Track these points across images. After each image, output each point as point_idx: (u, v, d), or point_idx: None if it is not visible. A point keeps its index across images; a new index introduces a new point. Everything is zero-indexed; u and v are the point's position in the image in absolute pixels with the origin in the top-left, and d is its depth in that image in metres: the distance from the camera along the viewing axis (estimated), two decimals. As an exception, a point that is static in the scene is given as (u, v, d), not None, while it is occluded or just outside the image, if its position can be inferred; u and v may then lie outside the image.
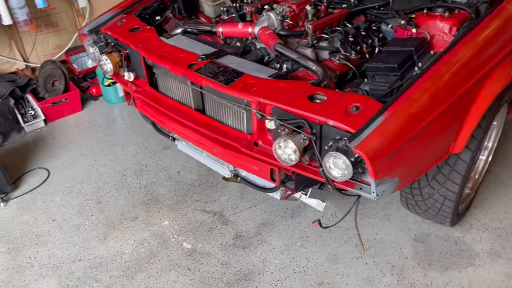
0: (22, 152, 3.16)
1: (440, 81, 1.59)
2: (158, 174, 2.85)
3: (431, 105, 1.55)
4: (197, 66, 1.98)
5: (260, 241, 2.32)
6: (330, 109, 1.59)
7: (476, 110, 1.72)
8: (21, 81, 3.52)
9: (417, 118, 1.52)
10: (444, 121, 1.62)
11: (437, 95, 1.57)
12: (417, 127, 1.51)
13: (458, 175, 1.89)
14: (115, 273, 2.19)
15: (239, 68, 1.94)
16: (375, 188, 1.50)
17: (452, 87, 1.61)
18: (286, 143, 1.63)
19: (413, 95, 1.55)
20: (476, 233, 2.29)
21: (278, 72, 1.89)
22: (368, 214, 2.43)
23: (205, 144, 2.04)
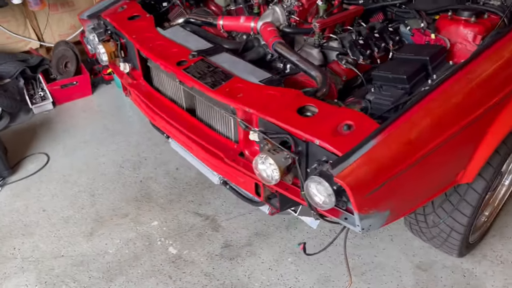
0: (26, 134, 3.12)
1: (449, 102, 1.36)
2: (156, 169, 2.74)
3: (434, 130, 1.33)
4: (187, 64, 1.82)
5: (249, 253, 2.16)
6: (319, 126, 1.40)
7: (492, 137, 1.48)
8: (33, 61, 3.47)
9: (416, 145, 1.30)
10: (450, 148, 1.39)
11: (443, 120, 1.34)
12: (414, 155, 1.30)
13: (468, 206, 1.66)
14: (95, 273, 2.10)
15: (231, 69, 1.76)
16: (359, 221, 1.31)
17: (464, 110, 1.38)
18: (267, 160, 1.45)
19: (413, 118, 1.33)
20: (489, 266, 2.04)
21: (271, 76, 1.71)
22: (370, 233, 2.23)
23: (192, 148, 1.90)
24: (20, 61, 3.39)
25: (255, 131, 1.54)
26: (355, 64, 1.89)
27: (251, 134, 1.57)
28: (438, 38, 1.79)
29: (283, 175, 1.47)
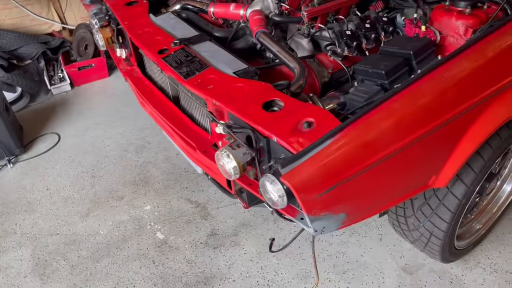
0: (43, 114, 3.25)
1: (416, 103, 1.27)
2: (157, 154, 2.78)
3: (396, 133, 1.24)
4: (167, 52, 1.81)
5: (233, 243, 2.16)
6: (280, 122, 1.35)
7: (469, 141, 1.37)
8: (54, 43, 3.59)
9: (373, 147, 1.23)
10: (417, 152, 1.30)
11: (406, 122, 1.25)
12: (371, 158, 1.22)
13: (447, 211, 1.56)
14: (84, 253, 2.18)
15: (210, 59, 1.74)
16: (311, 223, 1.27)
17: (433, 112, 1.28)
18: (226, 155, 1.43)
19: (373, 118, 1.25)
20: (481, 274, 1.93)
21: (247, 68, 1.66)
22: (359, 231, 2.16)
23: (175, 137, 1.91)
24: (41, 43, 3.52)
25: (219, 124, 1.52)
26: (343, 55, 1.81)
27: (217, 127, 1.55)
28: (428, 30, 1.67)
29: (245, 170, 1.45)
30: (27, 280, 2.08)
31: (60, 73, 3.54)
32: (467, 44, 1.40)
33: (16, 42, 3.44)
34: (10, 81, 3.17)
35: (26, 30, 3.64)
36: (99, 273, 2.07)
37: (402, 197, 1.42)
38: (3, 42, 3.42)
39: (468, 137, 1.38)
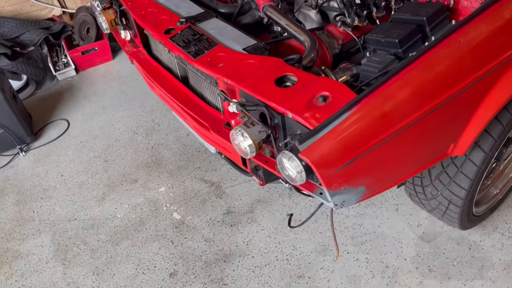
0: (50, 101, 3.24)
1: (432, 70, 1.24)
2: (167, 135, 2.77)
3: (413, 102, 1.22)
4: (174, 32, 1.78)
5: (250, 220, 2.18)
6: (294, 97, 1.33)
7: (487, 107, 1.34)
8: (56, 28, 3.54)
9: (391, 118, 1.21)
10: (435, 120, 1.28)
11: (424, 90, 1.23)
12: (389, 129, 1.21)
13: (465, 178, 1.55)
14: (103, 237, 2.21)
15: (217, 36, 1.70)
16: (331, 198, 1.26)
17: (450, 79, 1.25)
18: (242, 133, 1.42)
19: (390, 88, 1.23)
20: (499, 239, 1.93)
21: (256, 43, 1.63)
22: (375, 202, 2.16)
23: (186, 118, 1.89)
24: (42, 29, 3.47)
25: (232, 102, 1.50)
26: (353, 25, 1.77)
27: (230, 106, 1.54)
28: (441, -5, 1.62)
29: (261, 148, 1.44)
30: (49, 266, 2.11)
31: (64, 58, 3.50)
32: (482, 7, 1.36)
33: (17, 29, 3.40)
34: (15, 69, 3.15)
35: (26, 16, 3.59)
36: (119, 256, 2.10)
37: (421, 167, 1.41)
38: (4, 30, 3.38)
39: (486, 103, 1.35)
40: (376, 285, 1.83)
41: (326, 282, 1.87)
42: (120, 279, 2.01)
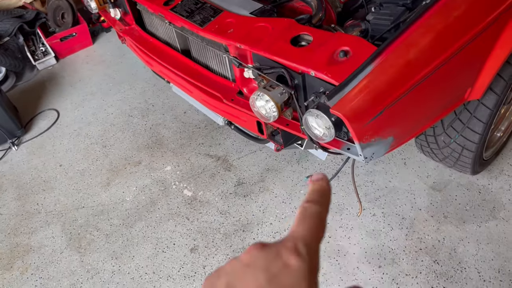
0: (34, 91, 3.12)
1: (450, 16, 1.25)
2: (164, 115, 2.73)
3: (435, 48, 1.23)
4: (174, 3, 1.73)
5: (262, 189, 2.19)
6: (313, 55, 1.33)
7: (500, 49, 1.37)
8: (29, 16, 3.38)
9: (416, 66, 1.22)
10: (455, 65, 1.30)
11: (444, 36, 1.24)
12: (415, 77, 1.22)
13: (479, 122, 1.59)
14: (115, 221, 2.18)
15: (220, 3, 1.67)
16: (361, 151, 1.28)
17: (467, 23, 1.27)
18: (263, 97, 1.41)
19: (412, 37, 1.23)
20: (506, 180, 2.01)
21: (263, 6, 1.60)
22: (382, 159, 2.20)
23: (191, 91, 1.86)
24: (15, 18, 3.31)
25: (248, 67, 1.48)
26: (353, -18, 1.76)
27: (246, 72, 1.52)
28: None
29: (282, 111, 1.43)
30: (64, 255, 2.08)
31: (42, 46, 3.37)
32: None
33: (-12, 20, 3.24)
34: (-8, 62, 3.01)
35: (-4, 6, 3.42)
36: (136, 238, 2.09)
37: (442, 113, 1.43)
38: (-26, 22, 3.22)
39: (500, 44, 1.38)
40: (396, 237, 1.88)
41: (347, 239, 1.91)
42: (141, 260, 1.99)
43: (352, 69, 1.24)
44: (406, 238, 1.87)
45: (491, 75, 1.40)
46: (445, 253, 1.79)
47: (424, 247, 1.83)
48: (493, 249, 1.77)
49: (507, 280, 1.68)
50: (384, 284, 1.74)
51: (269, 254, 0.41)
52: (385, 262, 1.81)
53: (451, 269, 1.74)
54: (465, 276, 1.71)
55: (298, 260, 0.40)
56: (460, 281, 1.70)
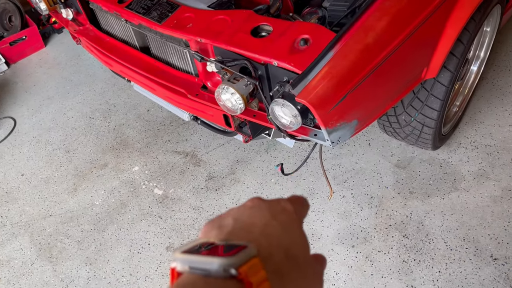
0: (-13, 101, 2.99)
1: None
2: (127, 114, 2.68)
3: (391, 31, 1.28)
4: (128, 0, 1.70)
5: (233, 181, 2.20)
6: (275, 45, 1.34)
7: (451, 27, 1.43)
8: (-27, 21, 3.23)
9: (374, 49, 1.26)
10: (411, 46, 1.35)
11: (399, 18, 1.28)
12: (374, 60, 1.26)
13: (436, 100, 1.66)
14: (86, 227, 2.14)
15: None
16: (328, 136, 1.31)
17: (419, 5, 1.32)
18: (228, 90, 1.41)
19: (368, 21, 1.27)
20: (464, 152, 2.11)
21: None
22: (348, 142, 2.26)
23: (154, 88, 1.83)
24: (-42, 24, 3.15)
25: (211, 61, 1.48)
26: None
27: (208, 66, 1.51)
28: None
29: (248, 102, 1.44)
30: (36, 267, 2.02)
31: (-10, 53, 3.22)
32: None
33: None
34: None
35: None
36: (109, 241, 2.05)
37: (402, 93, 1.49)
38: None
39: (451, 24, 1.44)
40: (366, 216, 1.95)
41: (320, 223, 1.96)
42: (116, 263, 1.97)
43: (313, 57, 1.26)
44: (376, 216, 1.94)
45: (444, 53, 1.46)
46: (413, 227, 1.87)
47: (394, 223, 1.90)
48: (457, 219, 1.87)
49: (472, 247, 1.77)
50: (359, 262, 1.80)
51: (270, 202, 0.48)
52: (357, 242, 1.87)
53: (420, 242, 1.82)
54: (433, 247, 1.79)
55: (292, 207, 0.48)
56: (428, 252, 1.78)
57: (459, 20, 1.45)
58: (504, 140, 2.12)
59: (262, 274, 0.38)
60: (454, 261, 1.74)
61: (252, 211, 0.46)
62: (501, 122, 2.20)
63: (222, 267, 0.37)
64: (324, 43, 1.28)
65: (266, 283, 0.38)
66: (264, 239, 0.43)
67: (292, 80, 1.27)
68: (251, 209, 0.47)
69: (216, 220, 0.46)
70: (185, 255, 0.39)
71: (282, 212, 0.47)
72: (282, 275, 0.41)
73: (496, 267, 1.70)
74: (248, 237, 0.43)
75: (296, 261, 0.44)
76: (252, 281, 0.37)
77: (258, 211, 0.46)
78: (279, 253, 0.42)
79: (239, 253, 0.38)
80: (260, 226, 0.44)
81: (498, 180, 1.97)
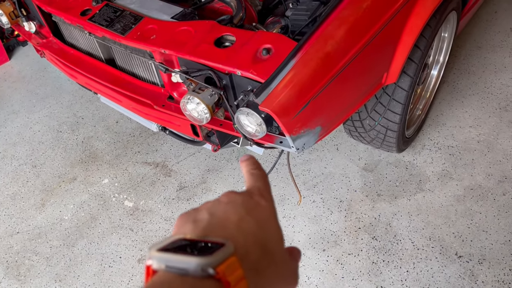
0: (-52, 117, 2.90)
1: (361, 7, 1.34)
2: (95, 126, 2.65)
3: (350, 39, 1.32)
4: (91, 13, 1.69)
5: (204, 190, 2.20)
6: (238, 55, 1.36)
7: (408, 34, 1.49)
8: None
9: (334, 57, 1.30)
10: (370, 53, 1.39)
11: (357, 26, 1.33)
12: (334, 67, 1.30)
13: (398, 104, 1.72)
14: (55, 242, 2.09)
15: (140, 10, 1.65)
16: (293, 143, 1.33)
17: (376, 13, 1.37)
18: (193, 100, 1.42)
19: (328, 30, 1.31)
20: (428, 154, 2.17)
21: (183, 10, 1.61)
22: (316, 147, 2.30)
23: (121, 100, 1.83)
24: None
25: (176, 72, 1.49)
26: (270, -20, 1.81)
27: (173, 76, 1.52)
28: None
29: (214, 112, 1.46)
30: (3, 286, 1.96)
31: (-49, 67, 3.13)
32: None
33: None
34: None
35: None
36: (79, 256, 2.02)
37: (364, 99, 1.53)
38: None
39: (407, 31, 1.49)
40: (336, 219, 1.98)
41: (291, 228, 1.98)
42: (87, 278, 1.93)
43: (275, 66, 1.29)
44: (346, 220, 1.98)
45: (402, 59, 1.51)
46: (382, 229, 1.91)
47: (363, 225, 1.94)
48: (423, 219, 1.92)
49: (438, 245, 1.83)
50: (330, 266, 1.83)
51: (244, 196, 0.48)
52: (328, 245, 1.90)
53: (388, 243, 1.86)
54: (401, 248, 1.84)
55: (266, 202, 0.48)
56: (397, 252, 1.83)
57: (415, 27, 1.51)
58: (465, 141, 2.20)
59: (239, 273, 0.39)
60: (421, 260, 1.79)
61: (227, 206, 0.46)
62: (462, 124, 2.28)
63: (200, 267, 0.37)
64: (286, 52, 1.31)
65: (243, 282, 0.39)
66: (241, 236, 0.43)
67: (255, 89, 1.29)
68: (226, 204, 0.47)
69: (191, 213, 0.46)
70: (162, 253, 0.39)
71: (257, 207, 0.47)
72: (258, 272, 0.42)
73: (461, 264, 1.76)
74: (224, 233, 0.43)
75: (272, 257, 0.44)
76: (229, 280, 0.38)
77: (233, 206, 0.46)
78: (255, 250, 0.43)
79: (217, 252, 0.39)
80: (235, 221, 0.44)
81: (460, 179, 2.04)
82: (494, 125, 2.25)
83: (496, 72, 2.54)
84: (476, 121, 2.29)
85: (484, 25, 2.88)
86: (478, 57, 2.65)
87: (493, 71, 2.55)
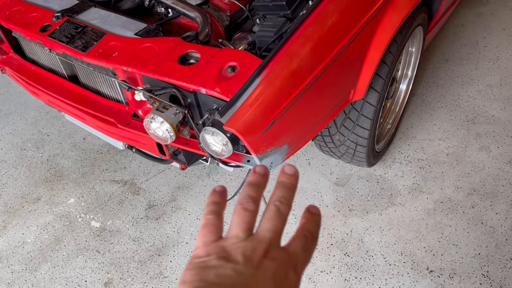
0: None
1: (325, 24, 1.33)
2: (61, 144, 2.56)
3: (315, 57, 1.30)
4: (51, 28, 1.63)
5: (174, 208, 2.14)
6: (203, 73, 1.33)
7: (374, 50, 1.48)
8: None
9: (300, 75, 1.28)
10: (336, 70, 1.38)
11: (322, 43, 1.31)
12: (300, 86, 1.28)
13: (366, 119, 1.71)
14: (16, 267, 1.99)
15: (102, 26, 1.60)
16: (260, 161, 1.30)
17: (341, 30, 1.36)
18: (157, 119, 1.38)
19: (293, 48, 1.29)
20: (399, 168, 2.18)
21: (147, 26, 1.57)
22: (288, 161, 2.27)
23: (84, 118, 1.76)
24: None
25: (139, 90, 1.44)
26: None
27: (137, 94, 1.47)
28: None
29: (179, 131, 1.42)
30: (-41, 316, 1.86)
31: None
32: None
33: None
34: None
35: None
36: (42, 281, 1.93)
37: (331, 116, 1.51)
38: None
39: (373, 47, 1.49)
40: (308, 236, 1.95)
41: (263, 246, 1.94)
42: (50, 305, 1.85)
43: (241, 84, 1.26)
44: (318, 236, 1.95)
45: (369, 75, 1.51)
46: (354, 245, 1.90)
47: (335, 242, 1.92)
48: (395, 234, 1.91)
49: (410, 260, 1.82)
50: (302, 284, 1.80)
51: (279, 262, 0.46)
52: (301, 263, 1.86)
53: (360, 259, 1.84)
54: (373, 264, 1.82)
55: (295, 276, 0.47)
56: (369, 269, 1.81)
57: (381, 42, 1.51)
58: (434, 154, 2.22)
59: None
60: (393, 276, 1.77)
61: (254, 278, 0.44)
62: (431, 136, 2.30)
63: None
64: (251, 70, 1.28)
65: None
66: None
67: (220, 108, 1.26)
68: (256, 270, 0.45)
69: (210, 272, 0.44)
70: None
71: (285, 281, 0.45)
72: None
73: (432, 279, 1.75)
74: None
75: None
76: None
77: (263, 274, 0.45)
78: None
79: None
80: None
81: (430, 193, 2.05)
82: (462, 137, 2.28)
83: (463, 85, 2.58)
84: (445, 133, 2.31)
85: (451, 38, 2.94)
86: (446, 70, 2.70)
87: (461, 83, 2.59)
